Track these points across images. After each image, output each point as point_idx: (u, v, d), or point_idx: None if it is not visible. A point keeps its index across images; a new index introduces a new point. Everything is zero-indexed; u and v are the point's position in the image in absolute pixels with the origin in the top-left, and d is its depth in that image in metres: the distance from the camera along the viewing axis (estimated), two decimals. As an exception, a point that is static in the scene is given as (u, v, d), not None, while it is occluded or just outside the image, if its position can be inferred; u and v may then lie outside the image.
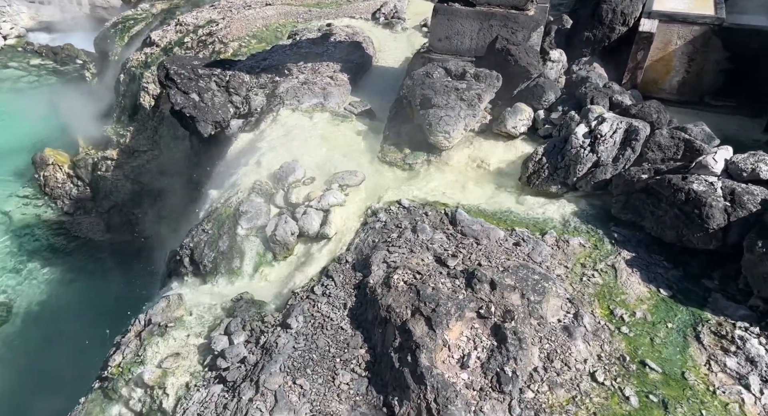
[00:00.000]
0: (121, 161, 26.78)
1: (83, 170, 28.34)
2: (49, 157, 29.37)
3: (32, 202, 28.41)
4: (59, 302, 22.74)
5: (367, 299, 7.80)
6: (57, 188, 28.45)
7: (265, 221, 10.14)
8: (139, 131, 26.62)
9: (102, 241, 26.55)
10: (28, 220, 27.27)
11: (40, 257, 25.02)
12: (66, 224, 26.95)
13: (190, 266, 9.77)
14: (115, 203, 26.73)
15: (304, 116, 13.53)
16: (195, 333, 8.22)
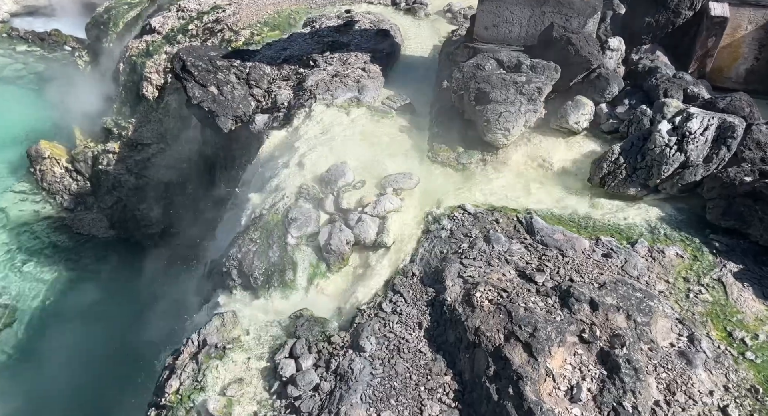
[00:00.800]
0: (124, 155, 25.68)
1: (83, 163, 27.18)
2: (44, 150, 28.12)
3: (29, 197, 27.21)
4: (65, 305, 21.83)
5: (444, 318, 7.22)
6: (55, 183, 27.28)
7: (315, 229, 9.46)
8: (142, 123, 25.49)
9: (106, 238, 25.54)
10: (26, 217, 26.13)
11: (41, 255, 23.98)
12: (67, 221, 25.86)
13: (239, 278, 9.08)
14: (118, 199, 25.68)
15: (340, 111, 12.76)
16: (256, 356, 7.58)
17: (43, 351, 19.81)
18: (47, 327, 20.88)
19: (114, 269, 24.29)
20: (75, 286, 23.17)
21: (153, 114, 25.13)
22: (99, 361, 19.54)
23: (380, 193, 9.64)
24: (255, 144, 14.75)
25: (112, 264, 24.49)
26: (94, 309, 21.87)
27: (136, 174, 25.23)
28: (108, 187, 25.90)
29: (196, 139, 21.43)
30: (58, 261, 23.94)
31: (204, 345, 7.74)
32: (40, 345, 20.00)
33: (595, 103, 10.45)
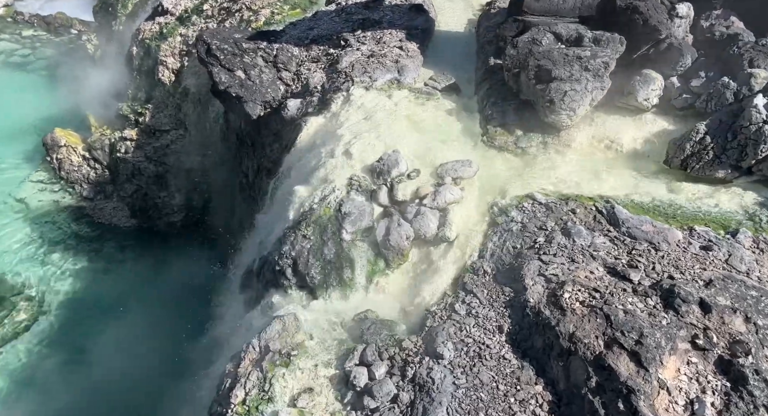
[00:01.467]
0: (142, 142, 25.08)
1: (100, 151, 26.62)
2: (60, 138, 27.57)
3: (48, 187, 26.80)
4: (91, 296, 21.58)
5: (528, 321, 6.66)
6: (73, 172, 26.81)
7: (369, 223, 8.88)
8: (159, 109, 24.80)
9: (128, 227, 25.17)
10: (47, 207, 25.76)
11: (64, 246, 23.69)
12: (87, 210, 25.48)
13: (294, 277, 8.56)
14: (138, 187, 25.20)
15: (380, 94, 12.04)
16: (323, 362, 7.09)
17: (72, 343, 19.65)
18: (75, 318, 20.69)
19: (138, 259, 23.99)
20: (100, 277, 22.92)
21: (170, 99, 24.42)
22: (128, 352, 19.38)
23: (437, 183, 9.01)
24: (288, 131, 14.10)
25: (136, 253, 24.18)
26: (120, 300, 21.61)
27: (155, 161, 24.68)
28: (127, 175, 25.40)
29: (219, 125, 20.78)
30: (81, 252, 23.64)
31: (266, 352, 7.27)
32: (69, 337, 19.83)
33: (664, 76, 9.66)
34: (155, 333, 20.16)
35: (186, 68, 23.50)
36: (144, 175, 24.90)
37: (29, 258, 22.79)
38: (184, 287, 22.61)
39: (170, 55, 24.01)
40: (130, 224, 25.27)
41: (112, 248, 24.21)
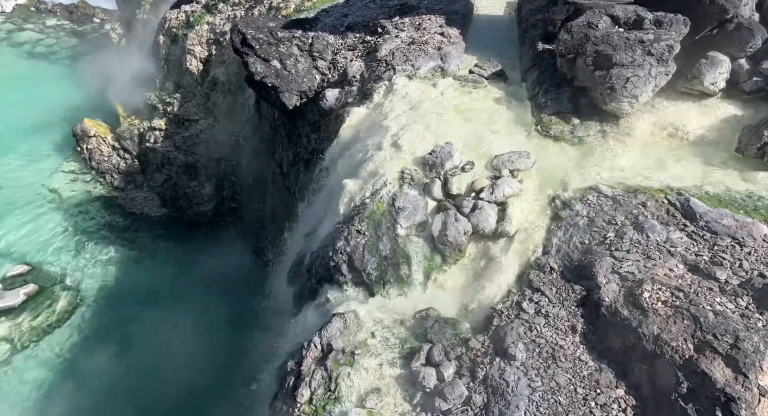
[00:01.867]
0: (171, 132, 25.13)
1: (129, 141, 26.78)
2: (90, 128, 27.79)
3: (79, 177, 27.13)
4: (126, 286, 21.88)
5: (604, 322, 6.40)
6: (104, 162, 27.07)
7: (423, 217, 8.66)
8: (188, 98, 24.77)
9: (159, 216, 25.40)
10: (79, 197, 26.10)
11: (98, 236, 24.01)
12: (119, 200, 25.75)
13: (349, 273, 8.41)
14: (168, 177, 25.34)
15: (424, 83, 11.70)
16: (388, 361, 6.95)
17: (110, 331, 19.98)
18: (111, 307, 21.00)
19: (170, 248, 24.22)
20: (133, 266, 23.20)
21: (198, 89, 24.35)
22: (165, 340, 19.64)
23: (494, 175, 8.72)
24: (327, 122, 13.87)
25: (168, 242, 24.41)
26: (155, 289, 21.91)
27: (184, 151, 24.73)
28: (157, 165, 25.54)
29: (250, 114, 20.63)
30: (114, 241, 23.95)
31: (329, 350, 7.15)
32: (107, 326, 20.16)
33: (731, 59, 9.15)
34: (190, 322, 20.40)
35: (214, 57, 23.35)
36: (174, 164, 25.00)
37: (65, 248, 23.15)
38: (216, 277, 22.79)
39: (197, 44, 23.87)
40: (161, 213, 25.49)
41: (145, 238, 24.48)
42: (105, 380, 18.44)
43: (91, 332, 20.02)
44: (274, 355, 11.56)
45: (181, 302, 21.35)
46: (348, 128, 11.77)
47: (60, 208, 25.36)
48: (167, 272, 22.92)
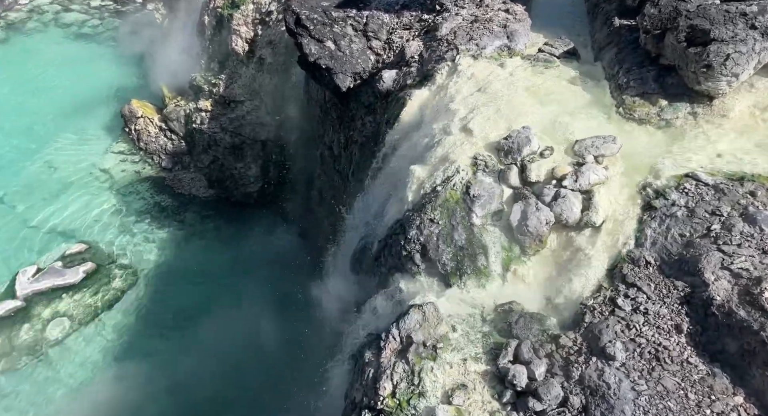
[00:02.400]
0: (217, 113, 25.25)
1: (176, 122, 27.08)
2: (137, 109, 28.21)
3: (129, 158, 27.67)
4: (177, 266, 22.37)
5: (715, 322, 5.99)
6: (151, 143, 27.50)
7: (498, 206, 8.32)
8: (234, 79, 24.76)
9: (206, 197, 25.75)
10: (129, 177, 26.68)
11: (149, 216, 24.54)
12: (167, 181, 26.19)
13: (423, 263, 8.19)
14: (214, 158, 25.56)
15: (491, 63, 11.19)
16: (472, 357, 6.73)
17: (165, 309, 20.53)
18: (165, 286, 21.53)
19: (218, 228, 24.59)
20: (183, 246, 23.67)
21: (244, 69, 24.28)
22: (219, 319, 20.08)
23: (577, 162, 8.25)
24: (383, 104, 13.54)
25: (216, 223, 24.77)
26: (205, 269, 22.33)
27: (231, 132, 24.85)
28: (203, 146, 25.79)
29: (298, 96, 20.46)
30: (164, 221, 24.44)
31: (409, 343, 6.98)
32: (162, 304, 20.72)
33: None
34: (240, 302, 20.78)
35: (260, 37, 23.17)
36: (220, 146, 25.18)
37: (118, 227, 23.79)
38: (263, 257, 23.07)
39: (243, 24, 23.71)
40: (208, 194, 25.83)
41: (193, 218, 24.90)
42: (158, 357, 19.03)
43: (146, 310, 20.62)
44: (337, 342, 11.57)
45: (230, 283, 21.75)
46: (410, 111, 11.41)
47: (111, 188, 25.98)
48: (216, 252, 23.31)
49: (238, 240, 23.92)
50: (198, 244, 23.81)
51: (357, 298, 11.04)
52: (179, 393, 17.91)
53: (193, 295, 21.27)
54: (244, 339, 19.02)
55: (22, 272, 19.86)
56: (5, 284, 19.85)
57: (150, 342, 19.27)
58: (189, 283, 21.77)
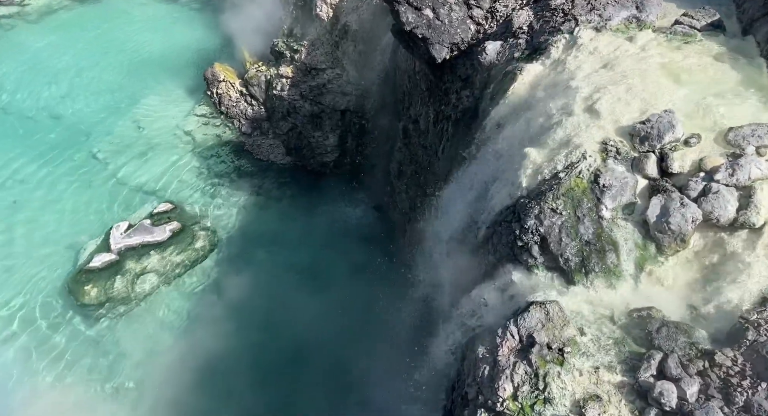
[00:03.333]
0: (297, 80, 25.14)
1: (256, 87, 27.28)
2: (219, 73, 28.63)
3: (210, 121, 28.30)
4: (255, 230, 22.85)
5: None
6: (232, 107, 27.94)
7: (631, 198, 7.50)
8: (315, 46, 24.45)
9: (284, 164, 26.03)
10: (210, 141, 27.35)
11: (229, 180, 25.15)
12: (247, 146, 26.64)
13: (541, 256, 7.59)
14: (293, 125, 25.65)
15: (618, 37, 10.08)
16: (604, 365, 6.16)
17: (244, 271, 21.14)
18: (244, 249, 22.14)
19: (293, 197, 24.85)
20: (261, 211, 24.17)
21: (327, 36, 23.89)
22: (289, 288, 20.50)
23: (731, 153, 7.25)
24: (483, 78, 12.73)
25: (293, 190, 25.05)
26: (280, 235, 22.72)
27: (310, 101, 24.73)
28: (282, 113, 25.89)
29: (383, 66, 19.87)
30: (243, 186, 24.97)
31: (530, 343, 6.49)
32: (242, 266, 21.34)
33: None
34: (315, 270, 21.08)
35: (346, 3, 22.57)
36: (299, 113, 25.18)
37: (201, 190, 24.58)
38: (338, 228, 23.19)
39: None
40: (286, 161, 26.09)
41: (270, 184, 25.30)
42: (236, 317, 19.71)
43: (225, 272, 21.34)
44: (428, 327, 11.32)
45: (304, 252, 22.05)
46: (520, 87, 10.56)
47: (194, 150, 26.77)
48: (291, 220, 23.63)
49: (313, 209, 24.12)
50: (274, 210, 24.23)
51: (452, 281, 10.66)
52: (249, 355, 18.55)
53: (267, 260, 21.77)
54: (317, 307, 19.33)
55: (115, 227, 20.97)
56: (101, 237, 21.08)
57: (226, 303, 19.96)
58: (264, 249, 22.28)
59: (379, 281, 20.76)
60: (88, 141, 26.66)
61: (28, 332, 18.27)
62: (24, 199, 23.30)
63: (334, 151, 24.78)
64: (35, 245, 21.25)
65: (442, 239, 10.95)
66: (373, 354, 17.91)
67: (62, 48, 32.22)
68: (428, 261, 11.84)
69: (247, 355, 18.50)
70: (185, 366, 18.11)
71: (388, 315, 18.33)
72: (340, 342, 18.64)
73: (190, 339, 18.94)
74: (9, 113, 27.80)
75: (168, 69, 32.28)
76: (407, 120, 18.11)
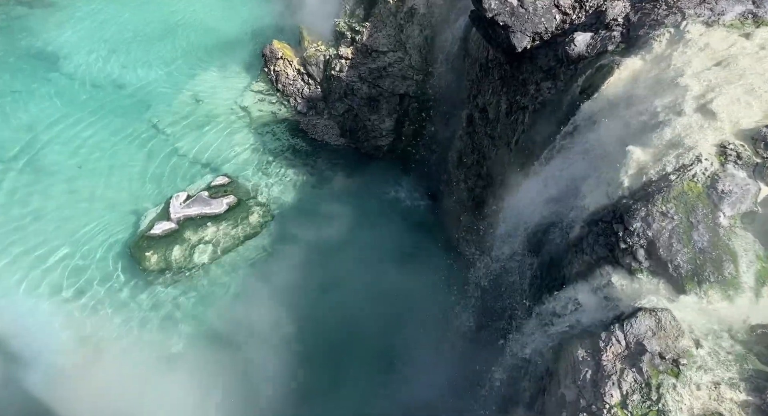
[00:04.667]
0: (357, 62, 24.92)
1: (314, 67, 27.22)
2: (278, 50, 28.62)
3: (266, 98, 28.46)
4: (307, 209, 22.99)
5: None
6: (289, 85, 27.99)
7: (751, 206, 7.11)
8: (378, 28, 24.10)
9: (337, 145, 26.04)
10: (266, 118, 27.53)
11: (283, 158, 25.31)
12: (302, 125, 26.71)
13: (647, 261, 7.30)
14: (349, 107, 25.55)
15: (731, 33, 9.49)
16: (725, 381, 5.90)
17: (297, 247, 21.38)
18: (296, 226, 22.30)
19: (346, 178, 24.86)
20: (313, 191, 24.31)
21: (391, 19, 23.49)
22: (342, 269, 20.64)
23: None
24: (569, 70, 12.28)
25: (345, 172, 25.04)
26: (332, 216, 22.77)
27: (369, 83, 24.53)
28: (339, 94, 25.79)
29: (450, 51, 19.46)
30: (297, 165, 25.12)
31: (640, 350, 6.27)
32: (294, 242, 21.58)
33: None
34: (367, 253, 21.14)
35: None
36: (357, 95, 25.03)
37: (256, 165, 24.85)
38: (390, 212, 23.14)
39: (397, -30, 22.71)
40: (339, 142, 26.08)
41: (323, 165, 25.37)
42: (286, 293, 20.00)
43: (277, 248, 21.65)
44: (507, 323, 11.17)
45: (355, 233, 22.12)
46: (616, 81, 10.12)
47: (250, 126, 27.01)
48: (343, 200, 23.69)
49: (365, 192, 24.12)
50: (326, 191, 24.33)
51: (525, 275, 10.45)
52: (297, 330, 18.82)
53: (318, 240, 21.90)
54: (366, 290, 19.45)
55: (175, 197, 21.45)
56: (160, 205, 21.63)
57: (279, 280, 20.25)
58: (316, 228, 22.40)
59: (429, 268, 20.70)
60: (149, 111, 27.19)
61: (88, 292, 18.97)
62: (88, 164, 24.04)
63: (389, 135, 24.61)
64: (97, 209, 21.96)
65: (513, 235, 10.71)
66: (419, 341, 17.98)
67: (121, 19, 32.80)
68: (495, 255, 11.64)
69: (295, 331, 18.82)
70: (235, 338, 18.57)
71: (436, 304, 18.28)
72: (388, 326, 18.74)
73: (241, 311, 19.36)
74: (74, 78, 28.58)
75: (224, 44, 32.48)
76: (473, 108, 17.74)
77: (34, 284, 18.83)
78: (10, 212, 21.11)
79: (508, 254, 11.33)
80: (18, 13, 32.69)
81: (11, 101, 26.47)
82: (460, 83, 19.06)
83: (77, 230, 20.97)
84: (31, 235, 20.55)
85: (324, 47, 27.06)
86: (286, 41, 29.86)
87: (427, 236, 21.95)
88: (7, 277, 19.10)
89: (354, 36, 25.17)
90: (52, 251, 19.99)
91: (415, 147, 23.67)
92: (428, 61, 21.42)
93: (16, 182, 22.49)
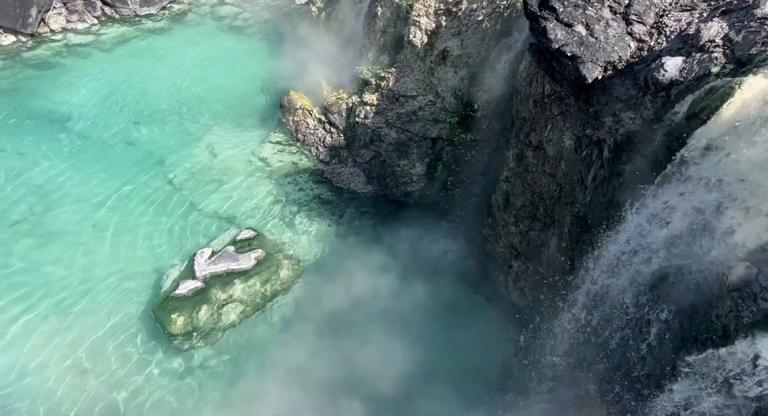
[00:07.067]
0: (383, 107, 24.28)
1: (336, 115, 26.57)
2: (296, 100, 28.10)
3: (286, 148, 27.56)
4: (336, 261, 21.57)
5: None
6: (309, 135, 27.21)
7: None
8: (405, 73, 23.64)
9: (364, 193, 24.90)
10: (287, 168, 26.50)
11: (308, 208, 24.07)
12: (326, 174, 25.67)
13: None
14: (376, 153, 24.64)
15: None
16: None
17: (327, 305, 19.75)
18: (326, 282, 20.73)
19: (374, 227, 23.58)
20: (342, 241, 22.93)
21: (419, 63, 23.06)
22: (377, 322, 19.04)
23: None
24: (657, 98, 11.39)
25: (373, 221, 23.80)
26: (364, 268, 21.29)
27: (397, 128, 23.75)
28: (365, 141, 24.95)
29: (494, 90, 18.77)
30: (324, 214, 23.86)
31: None
32: (325, 297, 19.97)
33: None
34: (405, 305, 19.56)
35: (444, 28, 21.83)
36: (384, 141, 24.19)
37: (280, 217, 23.53)
38: (425, 261, 21.67)
39: (424, 15, 22.51)
40: (367, 190, 24.96)
41: (351, 214, 24.12)
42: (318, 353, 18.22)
43: (309, 305, 19.97)
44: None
45: (389, 284, 20.61)
46: (738, 102, 9.14)
47: (270, 177, 25.93)
48: (373, 250, 22.29)
49: (396, 241, 22.77)
50: (354, 240, 22.96)
51: (645, 331, 8.96)
52: (328, 391, 17.04)
53: (351, 296, 20.29)
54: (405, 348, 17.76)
55: (199, 253, 19.90)
56: (183, 263, 20.02)
57: (310, 339, 18.49)
58: (347, 281, 20.84)
59: (474, 322, 19.13)
60: (163, 167, 26.09)
61: (114, 359, 17.01)
62: (101, 223, 22.58)
63: (420, 180, 23.57)
64: (114, 271, 20.30)
65: (618, 288, 9.32)
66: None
67: (134, 75, 32.43)
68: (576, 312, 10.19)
69: (326, 391, 16.98)
70: (267, 402, 16.63)
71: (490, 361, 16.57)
72: (428, 389, 16.99)
73: (274, 373, 17.47)
74: (87, 138, 27.61)
75: (238, 98, 32.09)
76: (524, 147, 16.79)
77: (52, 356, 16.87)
78: (20, 278, 19.37)
79: (607, 311, 9.89)
80: (26, 75, 32.17)
81: (19, 163, 25.29)
82: (504, 122, 18.23)
83: (96, 294, 19.19)
84: (41, 304, 18.73)
85: (346, 95, 26.54)
86: (303, 92, 29.45)
87: (469, 287, 20.46)
88: (19, 348, 17.16)
89: (379, 82, 24.69)
90: (69, 323, 18.14)
91: (450, 192, 22.55)
92: (464, 102, 20.71)
93: (26, 246, 20.87)
